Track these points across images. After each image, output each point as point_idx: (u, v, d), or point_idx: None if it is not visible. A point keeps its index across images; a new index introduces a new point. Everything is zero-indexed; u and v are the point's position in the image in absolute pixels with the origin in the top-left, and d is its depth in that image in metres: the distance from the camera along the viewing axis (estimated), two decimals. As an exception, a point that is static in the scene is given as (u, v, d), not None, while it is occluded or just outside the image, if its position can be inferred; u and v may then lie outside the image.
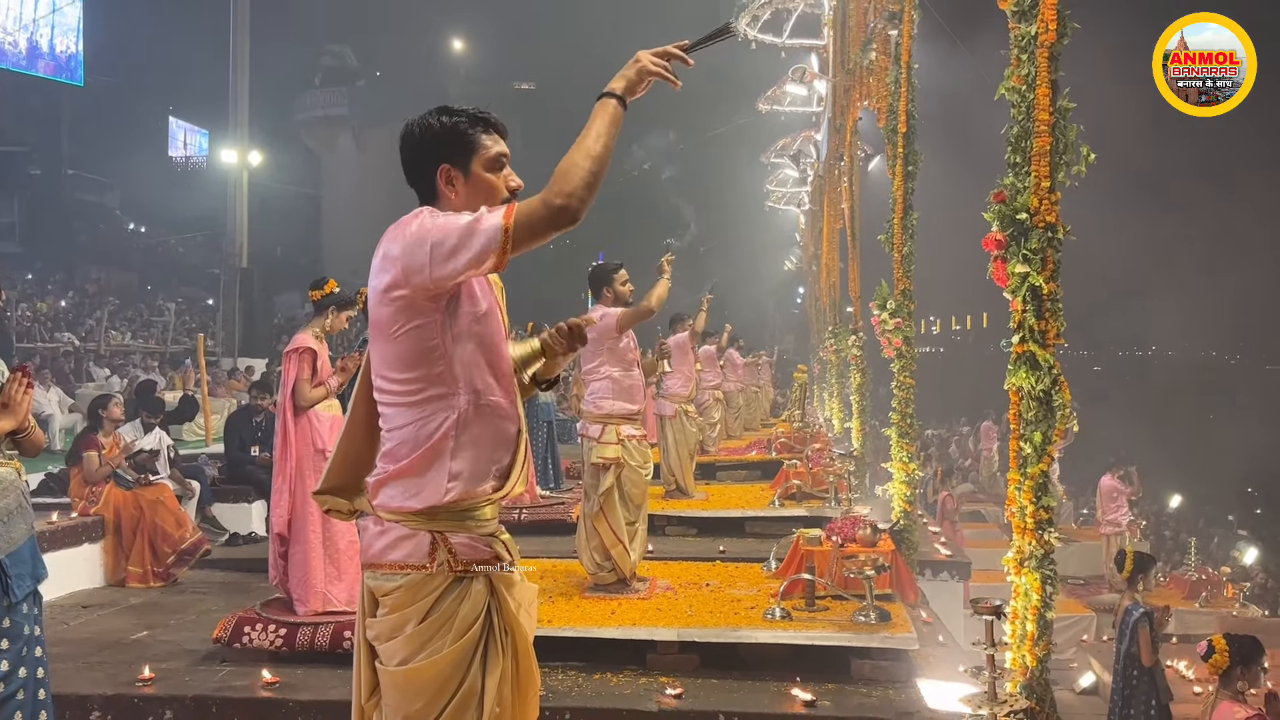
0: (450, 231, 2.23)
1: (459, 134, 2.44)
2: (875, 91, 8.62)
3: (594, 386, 6.17)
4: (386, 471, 2.40)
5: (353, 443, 2.57)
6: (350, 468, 2.56)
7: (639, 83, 2.38)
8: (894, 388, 7.48)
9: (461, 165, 2.44)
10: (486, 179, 2.45)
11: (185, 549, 7.68)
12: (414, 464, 2.35)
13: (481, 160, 2.44)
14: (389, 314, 2.34)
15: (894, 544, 6.36)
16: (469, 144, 2.44)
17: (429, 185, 2.46)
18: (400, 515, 2.37)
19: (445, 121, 2.44)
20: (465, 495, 2.37)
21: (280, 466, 5.77)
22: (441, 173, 2.43)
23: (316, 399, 5.76)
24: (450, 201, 2.44)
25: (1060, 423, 3.93)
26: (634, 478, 6.06)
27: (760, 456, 11.88)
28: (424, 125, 2.45)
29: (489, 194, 2.44)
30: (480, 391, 2.39)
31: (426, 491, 2.35)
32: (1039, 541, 3.98)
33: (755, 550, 7.43)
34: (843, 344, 12.92)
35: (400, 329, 2.33)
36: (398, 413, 2.39)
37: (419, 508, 2.35)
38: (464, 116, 2.46)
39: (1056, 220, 3.92)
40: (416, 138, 2.46)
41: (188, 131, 42.71)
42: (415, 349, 2.34)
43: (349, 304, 6.09)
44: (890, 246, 7.53)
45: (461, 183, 2.44)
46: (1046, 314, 3.95)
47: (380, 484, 2.41)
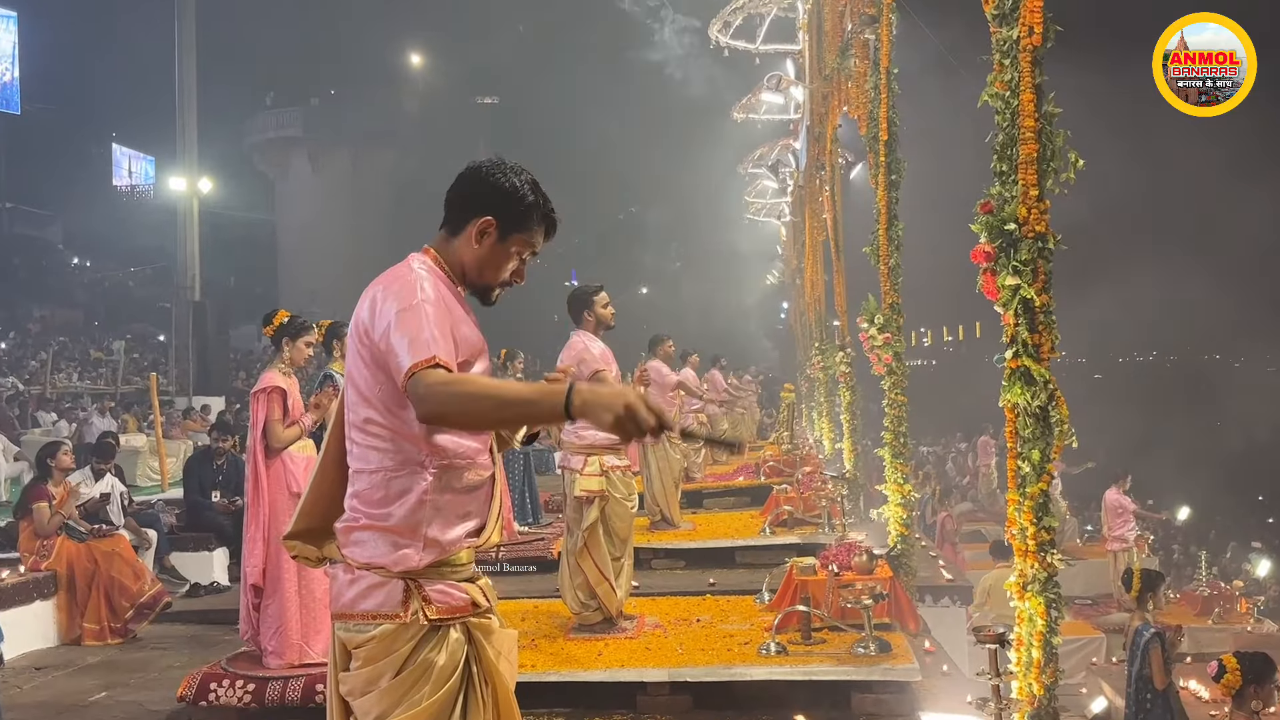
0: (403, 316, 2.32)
1: (524, 209, 2.53)
2: (855, 98, 8.71)
3: (574, 416, 6.16)
4: (357, 520, 2.42)
5: (325, 483, 2.59)
6: (323, 510, 2.58)
7: (603, 420, 2.12)
8: (885, 406, 7.52)
9: (504, 230, 2.52)
10: (506, 256, 2.55)
11: (144, 602, 7.62)
12: (388, 525, 2.38)
13: (520, 243, 2.55)
14: (365, 359, 2.40)
15: (892, 570, 6.39)
16: (523, 223, 2.54)
17: (464, 221, 2.53)
18: (371, 567, 2.40)
19: (525, 191, 2.52)
20: (439, 558, 2.41)
21: (253, 513, 5.75)
22: (484, 222, 2.50)
23: (290, 439, 5.75)
24: (463, 250, 2.53)
25: (1059, 439, 3.97)
26: (619, 511, 6.06)
27: (748, 482, 11.90)
28: (507, 177, 2.52)
29: (499, 268, 2.56)
30: (455, 455, 2.43)
31: (400, 554, 2.38)
32: (1042, 564, 4.02)
33: (747, 582, 7.43)
34: (830, 361, 12.99)
35: (374, 378, 2.39)
36: (369, 453, 2.42)
37: (394, 571, 2.38)
38: (538, 202, 2.54)
39: (1047, 230, 3.98)
40: (493, 180, 2.52)
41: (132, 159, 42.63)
42: (389, 401, 2.39)
43: (303, 330, 6.07)
44: (876, 259, 7.58)
45: (490, 242, 2.52)
46: (1040, 327, 4.00)
47: (350, 530, 2.43)
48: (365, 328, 2.40)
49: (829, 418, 15.01)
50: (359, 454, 2.44)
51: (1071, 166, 4.02)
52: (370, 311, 2.40)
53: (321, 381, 6.42)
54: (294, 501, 5.65)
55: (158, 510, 9.61)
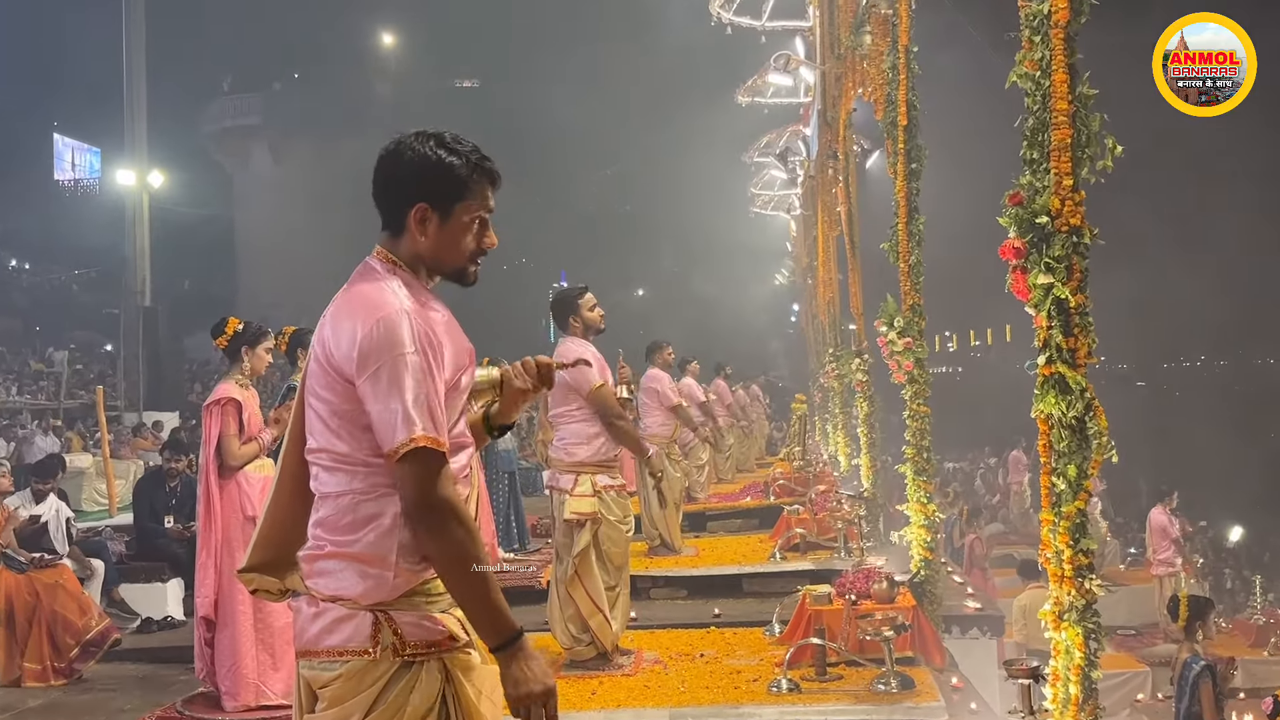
0: (400, 379, 2.31)
1: (452, 177, 2.47)
2: (871, 79, 8.73)
3: (564, 431, 6.18)
4: (322, 548, 2.41)
5: (282, 508, 2.58)
6: (281, 539, 2.57)
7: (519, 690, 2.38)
8: (907, 417, 7.53)
9: (442, 209, 2.47)
10: (462, 231, 2.49)
11: (90, 639, 7.60)
12: (357, 553, 2.38)
13: (465, 210, 2.48)
14: (328, 382, 2.39)
15: (915, 599, 6.40)
16: (458, 189, 2.48)
17: (398, 217, 2.49)
18: (338, 599, 2.39)
19: (441, 157, 2.46)
20: (413, 585, 2.40)
21: (204, 539, 5.75)
22: (417, 211, 2.46)
23: (246, 457, 5.76)
24: (414, 244, 2.48)
25: (1097, 453, 3.97)
26: (613, 535, 6.07)
27: (757, 502, 11.91)
28: (415, 153, 2.47)
29: (461, 247, 2.51)
30: None
31: (369, 585, 2.37)
32: (1079, 591, 4.01)
33: (755, 612, 7.44)
34: (846, 368, 12.99)
35: (339, 401, 2.39)
36: (332, 477, 2.41)
37: (364, 604, 2.37)
38: (462, 158, 2.48)
39: (1082, 222, 3.97)
40: (402, 164, 2.48)
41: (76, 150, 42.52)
42: (355, 423, 2.38)
43: (260, 336, 6.08)
44: (895, 256, 7.60)
45: (435, 226, 2.48)
46: (1076, 330, 4.00)
47: (314, 559, 2.42)
48: (329, 350, 2.38)
49: (845, 431, 15.01)
50: (323, 478, 2.43)
51: (1109, 153, 4.01)
52: (336, 333, 2.38)
53: (284, 394, 6.44)
54: (249, 526, 5.66)
55: (105, 537, 9.59)
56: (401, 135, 2.51)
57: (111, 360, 29.51)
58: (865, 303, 11.31)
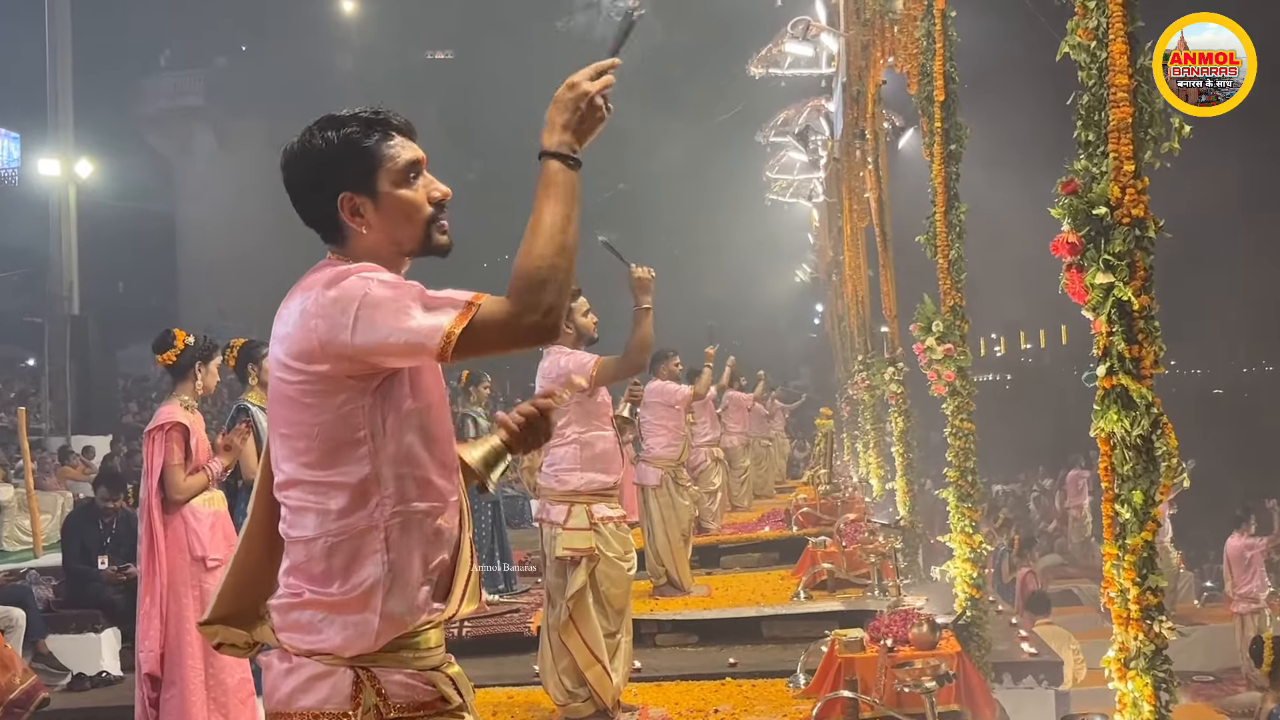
0: (384, 302, 2.28)
1: (354, 149, 2.47)
2: (902, 47, 8.75)
3: (555, 454, 6.17)
4: (299, 596, 2.41)
5: (253, 556, 2.59)
6: (249, 589, 2.58)
7: (589, 118, 2.39)
8: (948, 435, 7.53)
9: (366, 188, 2.47)
10: (401, 197, 2.49)
11: (15, 700, 7.60)
12: (335, 600, 2.38)
13: (390, 175, 2.48)
14: (298, 391, 2.38)
15: (960, 644, 6.40)
16: (370, 159, 2.47)
17: (330, 222, 2.50)
18: (314, 653, 2.40)
19: (332, 137, 2.47)
20: (400, 632, 2.40)
21: (147, 584, 5.75)
22: (343, 203, 2.46)
23: (193, 490, 5.77)
24: (362, 239, 2.48)
25: (1166, 477, 3.98)
26: (613, 574, 6.06)
27: (777, 533, 11.92)
28: (307, 148, 2.48)
29: (409, 214, 2.50)
30: (416, 500, 2.43)
31: (350, 634, 2.37)
32: (1147, 635, 4.02)
33: (777, 661, 7.44)
34: (877, 378, 13.01)
35: (313, 413, 2.38)
36: (301, 519, 2.42)
37: (344, 658, 2.38)
38: (355, 124, 2.49)
39: (1145, 213, 3.99)
40: (301, 165, 2.49)
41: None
42: (332, 440, 2.38)
43: (211, 351, 6.09)
44: (932, 250, 7.61)
45: (371, 210, 2.48)
46: (1140, 336, 4.01)
47: (288, 609, 2.43)
48: (286, 346, 2.38)
49: (877, 450, 15.04)
50: (291, 520, 2.44)
51: (1175, 134, 4.02)
52: (285, 322, 2.39)
53: (235, 416, 6.45)
54: (197, 567, 5.67)
55: (30, 582, 9.59)
56: (288, 144, 2.52)
57: (34, 377, 29.56)
58: (899, 303, 11.32)
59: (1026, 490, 27.21)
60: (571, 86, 2.37)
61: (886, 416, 12.58)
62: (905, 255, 10.71)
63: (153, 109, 45.77)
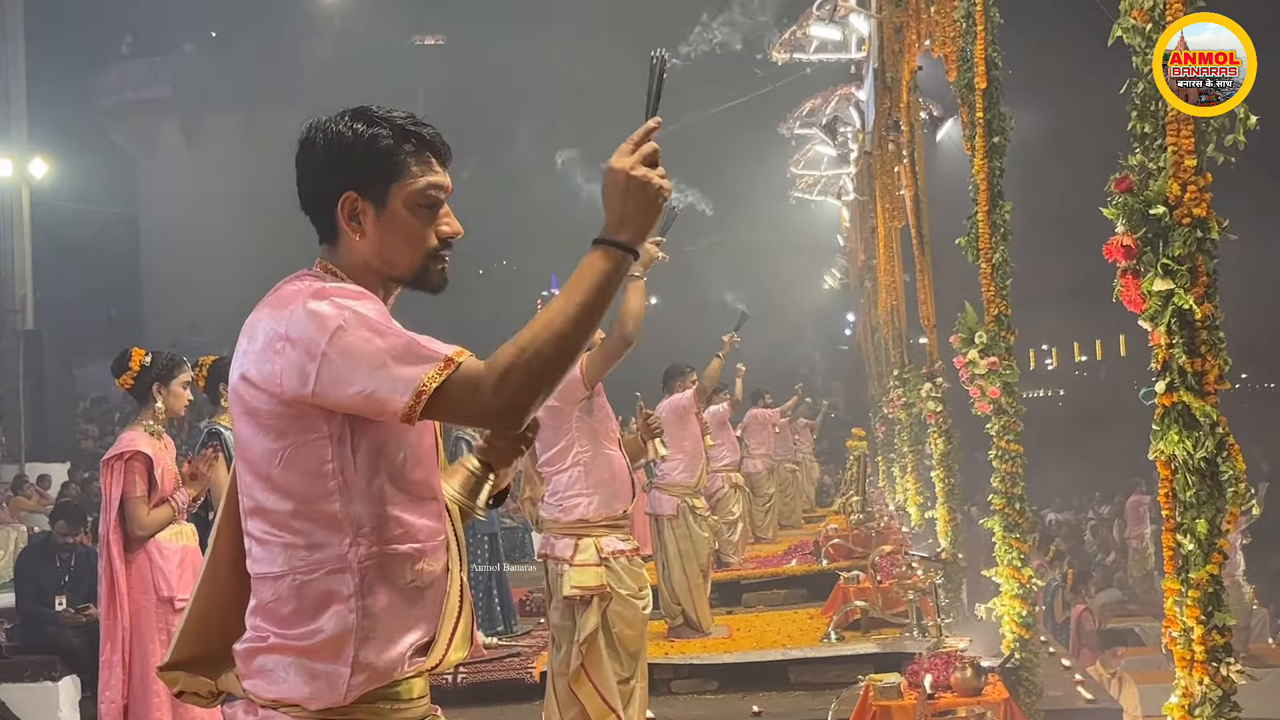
0: (355, 348, 2.27)
1: (377, 151, 2.46)
2: (940, 30, 8.76)
3: (558, 481, 6.12)
4: (264, 640, 2.41)
5: (218, 593, 2.59)
6: (215, 629, 2.58)
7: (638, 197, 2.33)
8: (994, 458, 7.52)
9: (374, 195, 2.47)
10: (407, 220, 2.48)
11: (-36, 755, 7.65)
12: (304, 646, 2.37)
13: (405, 193, 2.48)
14: (261, 412, 2.38)
15: (1008, 689, 6.39)
16: (390, 167, 2.47)
17: (328, 217, 2.51)
18: (281, 704, 2.39)
19: (360, 131, 2.47)
20: (375, 686, 2.40)
21: (108, 628, 5.76)
22: (344, 204, 2.47)
23: (158, 524, 5.78)
24: (354, 246, 2.49)
25: (1233, 504, 3.96)
26: (626, 613, 6.04)
27: (805, 567, 11.90)
28: (328, 134, 2.48)
29: (410, 240, 2.50)
30: (396, 542, 2.42)
31: (318, 686, 2.36)
32: (1214, 679, 4.01)
33: (805, 709, 7.46)
34: (915, 395, 12.99)
35: (275, 437, 2.38)
36: (267, 553, 2.42)
37: (311, 708, 2.37)
38: (387, 127, 2.48)
39: (1208, 213, 3.98)
40: (319, 150, 2.49)
41: (-66, 133, 42.84)
42: (297, 469, 2.38)
43: (174, 369, 6.11)
44: (974, 254, 7.59)
45: (371, 219, 2.48)
46: (1203, 348, 4.00)
47: (253, 655, 2.43)
48: (250, 363, 2.38)
49: (915, 475, 15.01)
50: (257, 554, 2.44)
51: (1240, 125, 4.02)
52: (251, 342, 2.39)
53: (204, 440, 6.47)
54: (164, 608, 5.68)
55: (-20, 625, 9.62)
56: (317, 118, 2.52)
57: (-16, 398, 29.63)
58: (938, 312, 11.30)
59: (1082, 519, 27.09)
60: (610, 171, 2.33)
61: (925, 437, 12.55)
62: (945, 259, 10.69)
63: (114, 101, 45.81)
